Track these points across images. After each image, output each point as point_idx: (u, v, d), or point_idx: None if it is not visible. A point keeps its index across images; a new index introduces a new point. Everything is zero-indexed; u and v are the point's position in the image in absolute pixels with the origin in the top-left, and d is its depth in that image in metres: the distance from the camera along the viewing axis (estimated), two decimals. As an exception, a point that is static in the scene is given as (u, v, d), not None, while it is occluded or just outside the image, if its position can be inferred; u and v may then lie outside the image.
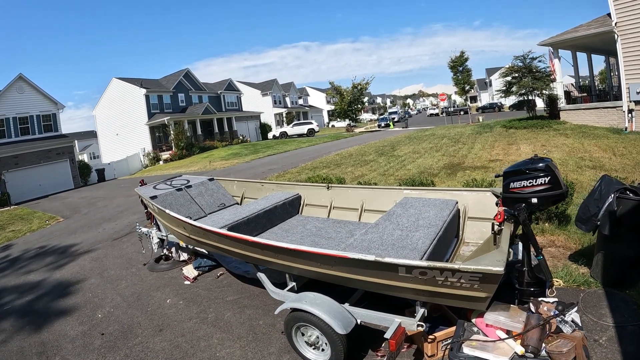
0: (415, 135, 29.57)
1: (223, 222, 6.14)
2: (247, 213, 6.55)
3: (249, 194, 8.92)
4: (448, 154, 18.03)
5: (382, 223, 5.12)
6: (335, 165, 19.07)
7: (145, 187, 8.63)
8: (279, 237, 6.22)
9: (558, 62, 24.50)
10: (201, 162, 32.88)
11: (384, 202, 6.72)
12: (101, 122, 50.41)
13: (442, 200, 5.80)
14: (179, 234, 6.81)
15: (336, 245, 5.58)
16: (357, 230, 6.21)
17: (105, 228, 13.07)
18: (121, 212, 15.55)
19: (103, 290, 7.63)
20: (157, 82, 50.24)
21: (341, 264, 4.03)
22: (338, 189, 7.48)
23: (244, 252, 5.18)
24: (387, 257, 3.62)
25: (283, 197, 7.43)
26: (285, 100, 73.48)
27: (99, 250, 10.55)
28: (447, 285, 3.50)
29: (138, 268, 8.60)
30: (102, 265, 9.19)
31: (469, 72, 40.93)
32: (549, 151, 15.34)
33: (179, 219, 6.06)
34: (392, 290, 3.97)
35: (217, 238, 5.42)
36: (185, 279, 7.46)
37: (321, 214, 7.42)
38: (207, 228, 5.37)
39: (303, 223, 6.93)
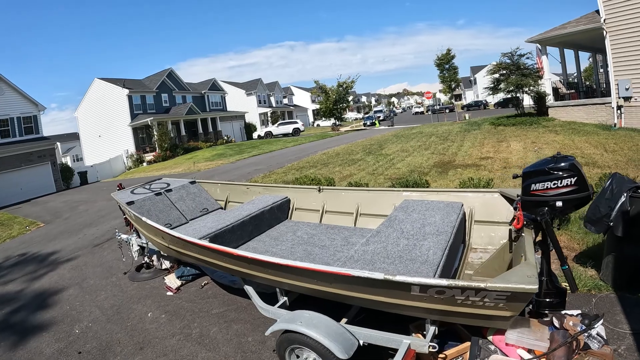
0: (403, 133, 29.31)
1: (205, 231, 5.69)
2: (232, 219, 6.10)
3: (233, 198, 8.45)
4: (437, 152, 17.79)
5: (384, 230, 4.68)
6: (323, 165, 18.76)
7: (123, 192, 8.12)
8: (268, 246, 5.82)
9: (546, 58, 24.50)
10: (185, 163, 32.45)
11: (381, 205, 6.31)
12: (83, 124, 49.63)
13: (447, 203, 5.37)
14: (157, 243, 6.35)
15: (331, 255, 5.18)
16: (353, 236, 5.83)
17: (85, 234, 12.60)
18: (102, 217, 15.08)
19: (82, 302, 7.16)
20: (140, 83, 49.57)
21: (343, 281, 3.60)
22: (330, 192, 7.05)
23: (228, 266, 4.76)
24: (398, 274, 3.18)
25: (271, 200, 6.98)
26: (270, 99, 73.19)
27: (79, 257, 10.07)
28: (467, 304, 3.12)
29: (118, 277, 8.12)
30: (82, 275, 8.71)
31: (455, 70, 41.11)
32: (540, 148, 15.17)
33: (156, 228, 5.60)
34: (399, 309, 3.60)
35: (198, 250, 4.98)
36: (168, 290, 6.98)
37: (312, 219, 6.99)
38: (186, 239, 4.92)
39: (293, 229, 6.50)
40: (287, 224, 6.86)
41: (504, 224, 5.11)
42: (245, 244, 6.06)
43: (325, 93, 50.63)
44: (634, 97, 18.63)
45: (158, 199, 7.60)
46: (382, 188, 7.42)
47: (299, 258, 5.06)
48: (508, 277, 3.01)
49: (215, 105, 58.35)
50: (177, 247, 5.46)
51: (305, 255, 5.26)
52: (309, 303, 4.51)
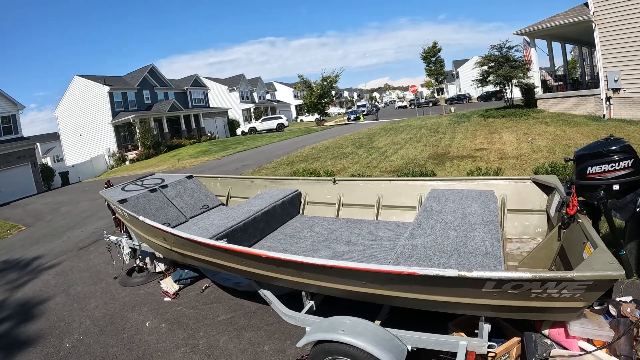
0: (390, 126, 29.14)
1: (214, 230, 5.14)
2: (243, 216, 5.57)
3: (236, 193, 7.88)
4: (430, 144, 17.72)
5: (425, 222, 4.33)
6: (314, 159, 18.35)
7: (112, 190, 7.46)
8: (285, 244, 5.33)
9: (534, 51, 24.69)
10: (169, 160, 31.84)
11: (405, 196, 5.92)
12: (64, 123, 48.51)
13: (479, 192, 5.11)
14: (156, 245, 5.75)
15: (361, 251, 4.75)
16: (378, 230, 5.40)
17: (70, 236, 11.90)
18: (87, 218, 14.42)
19: (70, 311, 6.50)
20: (121, 79, 48.66)
21: (401, 281, 3.17)
22: (347, 183, 6.59)
23: (245, 268, 4.25)
24: (474, 270, 2.83)
25: (281, 194, 6.47)
26: (253, 95, 72.57)
27: (64, 262, 9.38)
28: (541, 297, 2.84)
29: (108, 282, 7.47)
30: (68, 281, 8.03)
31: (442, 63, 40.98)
32: (533, 139, 15.21)
33: (157, 228, 5.02)
34: (454, 307, 3.30)
35: (211, 252, 4.43)
36: (165, 295, 6.39)
37: (328, 213, 6.51)
38: (197, 240, 4.37)
39: (309, 225, 6.02)
40: (300, 220, 6.39)
41: (538, 212, 4.92)
42: (259, 242, 5.59)
43: (309, 88, 50.01)
44: (622, 88, 19.04)
45: (153, 196, 7.01)
46: (404, 178, 6.89)
47: (325, 256, 4.58)
48: (589, 266, 2.73)
49: (198, 102, 57.55)
50: (183, 250, 4.91)
51: (331, 253, 4.81)
52: (333, 305, 4.12)
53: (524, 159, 12.29)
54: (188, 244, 4.61)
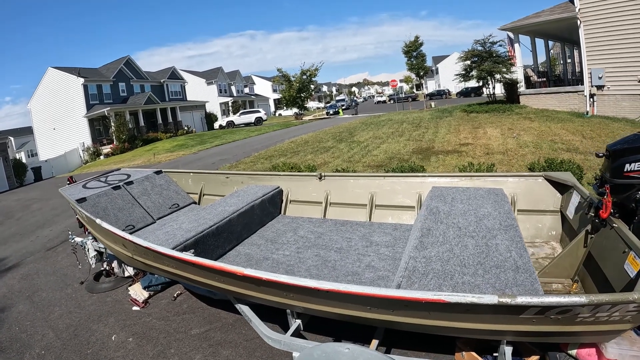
0: (371, 121, 28.74)
1: (181, 236, 4.55)
2: (216, 218, 4.99)
3: (210, 190, 7.31)
4: (413, 139, 17.42)
5: (434, 227, 3.81)
6: (293, 153, 17.94)
7: (73, 187, 6.87)
8: (265, 251, 4.78)
9: (518, 46, 24.72)
10: (145, 155, 31.02)
11: (402, 194, 5.45)
12: (37, 117, 47.24)
13: (487, 190, 4.66)
14: (117, 252, 5.11)
15: (355, 261, 4.24)
16: (373, 234, 4.89)
17: (38, 236, 11.23)
18: (57, 216, 13.76)
19: (32, 321, 5.88)
20: (96, 71, 47.53)
21: (419, 308, 2.68)
22: (335, 179, 6.07)
23: (221, 285, 3.70)
24: (517, 295, 2.36)
25: (260, 192, 5.91)
26: (231, 89, 71.95)
27: (30, 264, 8.72)
28: (587, 322, 2.46)
29: (74, 288, 6.83)
30: (33, 286, 7.36)
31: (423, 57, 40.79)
32: (519, 135, 15.07)
33: (115, 234, 4.41)
34: (474, 333, 2.87)
35: (176, 264, 3.89)
36: (133, 303, 5.80)
37: (313, 213, 5.99)
38: (158, 250, 3.80)
39: (292, 227, 5.49)
40: (282, 221, 5.86)
41: (552, 212, 4.57)
42: (235, 248, 5.03)
43: (288, 81, 49.36)
44: (606, 85, 19.19)
45: (116, 194, 6.44)
46: (400, 174, 6.36)
47: (312, 267, 4.14)
48: None
49: (175, 95, 56.56)
50: (146, 259, 4.32)
51: (320, 262, 4.29)
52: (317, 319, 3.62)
53: (510, 154, 12.11)
54: (150, 254, 4.03)
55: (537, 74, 27.54)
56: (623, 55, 18.22)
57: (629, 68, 18.08)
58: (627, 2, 17.61)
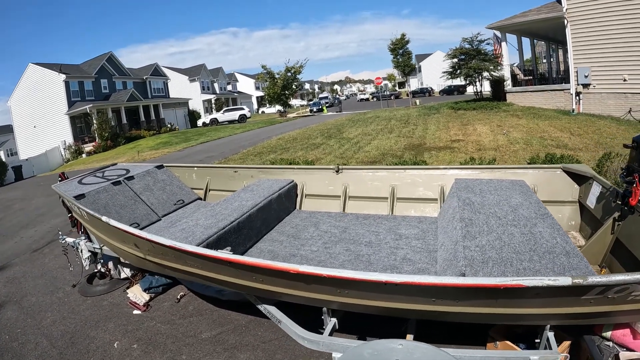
0: (357, 118, 28.81)
1: (201, 233, 4.19)
2: (235, 213, 4.68)
3: (217, 185, 6.98)
4: (403, 135, 17.56)
5: (475, 217, 3.73)
6: (283, 150, 17.81)
7: (67, 183, 6.39)
8: (291, 248, 4.54)
9: (505, 45, 25.17)
10: (128, 153, 30.56)
11: (424, 187, 5.33)
12: (17, 114, 46.21)
13: (510, 182, 4.67)
14: (124, 252, 4.79)
15: (390, 254, 4.07)
16: (399, 227, 4.73)
17: (22, 237, 10.77)
18: (41, 215, 13.27)
19: (23, 328, 5.47)
20: (77, 68, 46.69)
21: (488, 296, 2.61)
22: (353, 172, 5.87)
23: (253, 285, 3.42)
24: (590, 276, 2.36)
25: (275, 186, 5.65)
26: (214, 86, 71.37)
27: (15, 267, 8.29)
28: (636, 300, 2.48)
29: (66, 292, 6.45)
30: (21, 290, 6.94)
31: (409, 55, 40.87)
32: (508, 131, 15.26)
33: (128, 233, 4.05)
34: (520, 319, 2.91)
35: (204, 264, 3.57)
36: (133, 307, 5.44)
37: (331, 207, 5.78)
38: (188, 250, 3.45)
39: (312, 222, 5.25)
40: (299, 216, 5.62)
41: (570, 203, 4.68)
42: (255, 245, 4.76)
43: (272, 78, 48.97)
44: (592, 84, 19.59)
45: (117, 190, 6.07)
46: (421, 167, 6.19)
47: (346, 262, 3.97)
48: None
49: (158, 92, 55.95)
50: (162, 259, 4.01)
51: (353, 257, 4.08)
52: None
53: (502, 150, 12.24)
54: (171, 253, 3.72)
55: (523, 72, 27.90)
56: (609, 54, 18.52)
57: (615, 67, 18.36)
58: (614, 3, 17.84)
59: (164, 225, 5.63)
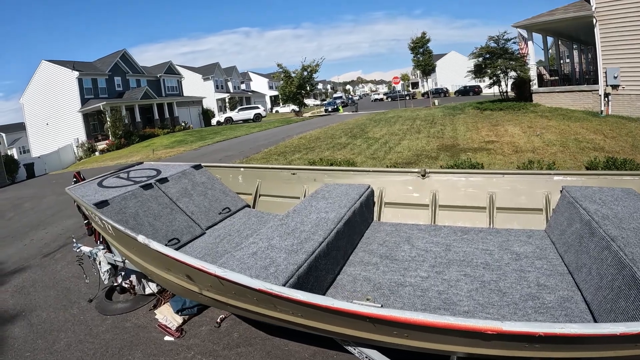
0: (379, 117, 28.02)
1: (285, 261, 3.17)
2: (321, 231, 3.68)
3: (269, 189, 5.99)
4: (433, 136, 16.95)
5: (623, 234, 2.96)
6: (308, 149, 17.10)
7: (85, 185, 5.39)
8: (391, 274, 3.58)
9: (531, 44, 24.56)
10: (143, 151, 29.89)
11: (526, 195, 4.53)
12: (30, 111, 45.82)
13: (622, 190, 3.96)
14: (169, 281, 3.75)
15: (519, 279, 3.29)
16: (511, 244, 3.93)
17: (33, 239, 10.04)
18: (52, 216, 12.57)
19: (33, 352, 4.63)
20: (91, 65, 46.23)
21: None
22: (441, 177, 4.98)
23: (395, 340, 2.47)
24: None
25: (352, 193, 4.69)
26: (228, 85, 70.95)
27: (25, 273, 7.54)
28: None
29: (82, 308, 5.58)
30: (30, 302, 6.13)
31: (430, 54, 40.02)
32: (541, 133, 14.77)
33: (191, 266, 2.93)
34: None
35: (317, 314, 2.58)
36: (164, 332, 4.52)
37: (418, 218, 4.89)
38: (309, 301, 2.41)
39: (404, 238, 4.30)
40: (382, 229, 4.65)
41: None
42: (343, 271, 3.79)
43: (288, 77, 48.16)
44: (621, 85, 19.11)
45: (149, 196, 5.02)
46: (522, 171, 5.15)
47: (473, 292, 3.16)
48: None
49: (172, 90, 55.57)
50: (228, 298, 3.02)
51: (478, 286, 3.24)
52: None
53: (539, 152, 11.80)
54: (256, 296, 2.73)
55: (548, 72, 27.25)
56: (639, 54, 18.06)
57: (646, 68, 17.88)
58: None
59: (210, 241, 4.69)
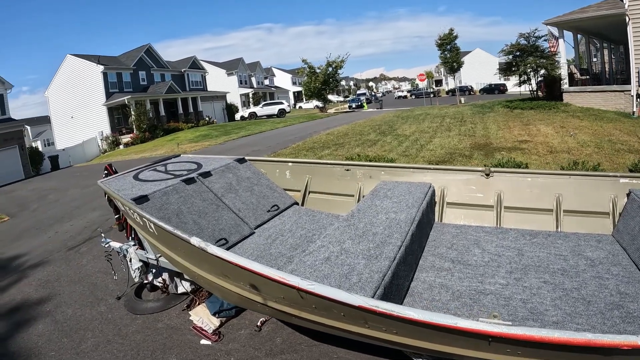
0: (406, 115, 27.56)
1: (367, 268, 2.88)
2: (398, 234, 3.37)
3: (319, 186, 5.63)
4: (464, 134, 16.50)
5: None
6: (337, 146, 16.78)
7: (119, 178, 5.08)
8: (467, 280, 3.30)
9: (562, 42, 23.91)
10: (167, 145, 29.92)
11: (592, 197, 4.21)
12: (54, 105, 46.08)
13: None
14: (222, 288, 3.48)
15: (600, 287, 3.00)
16: (581, 248, 3.65)
17: (57, 231, 9.90)
18: (77, 208, 12.43)
19: (58, 351, 4.37)
20: (115, 59, 46.47)
21: None
22: (506, 177, 4.66)
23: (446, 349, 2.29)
24: None
25: (416, 192, 4.39)
26: (251, 80, 70.90)
27: (49, 266, 7.36)
28: None
29: (109, 305, 5.34)
30: (55, 297, 5.92)
31: (457, 51, 39.38)
32: (575, 133, 14.28)
33: (263, 276, 2.64)
34: None
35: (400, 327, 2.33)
36: (200, 335, 4.22)
37: (482, 220, 4.58)
38: (400, 315, 2.18)
39: (472, 240, 4.01)
40: (446, 231, 4.35)
41: None
42: (416, 278, 3.47)
43: (313, 73, 47.86)
44: None
45: (191, 191, 4.69)
46: (588, 173, 4.81)
47: (557, 301, 2.90)
48: None
49: (196, 85, 55.58)
50: (306, 313, 2.70)
51: (562, 294, 3.00)
52: None
53: (575, 153, 11.40)
54: (337, 309, 2.41)
55: (579, 71, 26.63)
56: None
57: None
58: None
59: (261, 242, 4.35)
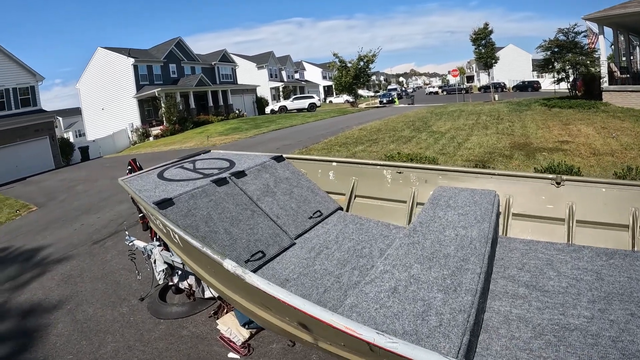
0: (439, 111, 26.92)
1: (447, 306, 2.36)
2: (475, 258, 2.85)
3: (367, 190, 4.91)
4: (502, 133, 15.84)
5: None
6: (371, 142, 16.24)
7: (142, 177, 4.57)
8: (551, 314, 2.64)
9: (602, 39, 22.87)
10: (197, 137, 29.75)
11: None
12: (86, 97, 46.42)
13: None
14: (261, 319, 3.00)
15: None
16: None
17: (83, 223, 9.73)
18: (104, 200, 12.27)
19: (76, 354, 4.11)
20: (146, 52, 46.70)
21: None
22: (578, 187, 3.97)
23: None
24: None
25: (482, 201, 3.75)
26: (282, 74, 70.65)
27: (72, 260, 7.16)
28: None
29: (132, 306, 5.06)
30: (77, 294, 5.69)
31: (492, 46, 38.47)
32: (617, 135, 13.59)
33: (326, 324, 2.04)
34: None
35: None
36: (228, 346, 3.87)
37: (552, 235, 3.84)
38: None
39: (544, 260, 3.31)
40: (512, 247, 3.60)
41: None
42: (490, 307, 2.85)
43: (345, 67, 47.33)
44: None
45: (222, 193, 4.05)
46: None
47: None
48: None
49: (226, 78, 55.45)
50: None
51: None
52: None
53: (618, 156, 10.83)
54: None
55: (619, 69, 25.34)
56: None
57: None
58: None
59: (304, 256, 3.65)
